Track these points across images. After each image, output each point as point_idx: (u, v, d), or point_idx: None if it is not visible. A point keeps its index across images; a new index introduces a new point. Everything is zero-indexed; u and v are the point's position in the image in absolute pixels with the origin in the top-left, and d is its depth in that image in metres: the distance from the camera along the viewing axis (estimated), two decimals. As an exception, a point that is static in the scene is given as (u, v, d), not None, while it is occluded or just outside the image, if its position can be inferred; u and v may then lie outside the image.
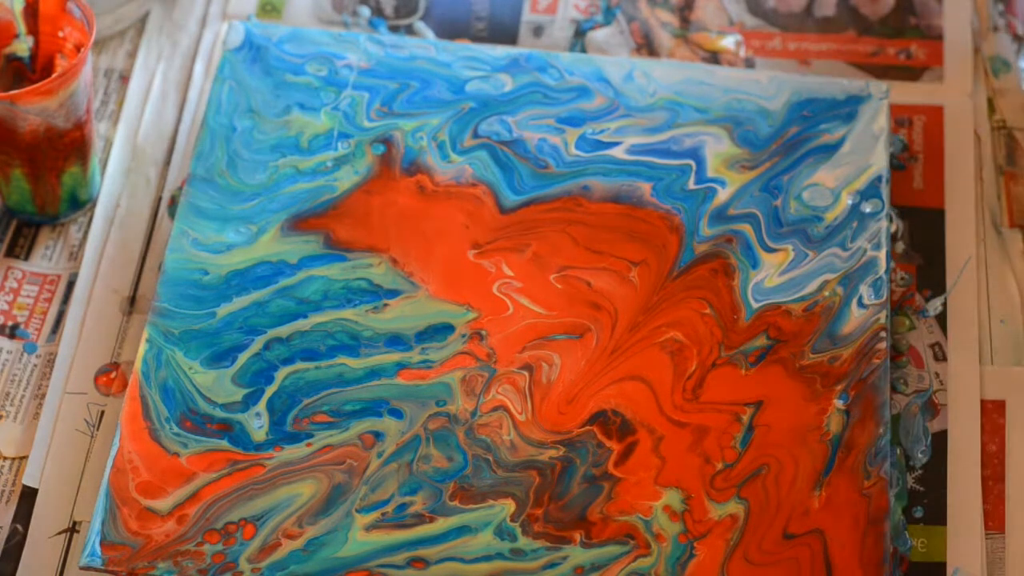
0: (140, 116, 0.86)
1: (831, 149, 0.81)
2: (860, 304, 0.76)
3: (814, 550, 0.70)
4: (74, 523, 0.73)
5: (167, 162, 0.84)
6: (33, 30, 0.79)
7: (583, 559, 0.70)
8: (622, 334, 0.76)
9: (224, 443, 0.73)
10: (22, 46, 0.80)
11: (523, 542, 0.70)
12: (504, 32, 0.89)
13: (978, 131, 0.85)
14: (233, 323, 0.76)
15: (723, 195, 0.80)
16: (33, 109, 0.75)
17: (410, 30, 0.89)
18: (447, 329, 0.76)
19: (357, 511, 0.71)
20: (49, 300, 0.80)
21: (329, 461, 0.72)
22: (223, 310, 0.76)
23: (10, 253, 0.81)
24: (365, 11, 0.89)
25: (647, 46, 0.89)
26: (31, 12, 0.79)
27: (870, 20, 0.89)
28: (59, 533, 0.73)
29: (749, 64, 0.88)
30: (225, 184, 0.80)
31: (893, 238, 0.81)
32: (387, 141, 0.82)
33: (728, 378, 0.74)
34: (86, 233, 0.82)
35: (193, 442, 0.72)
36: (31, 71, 0.80)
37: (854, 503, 0.71)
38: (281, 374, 0.75)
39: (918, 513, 0.73)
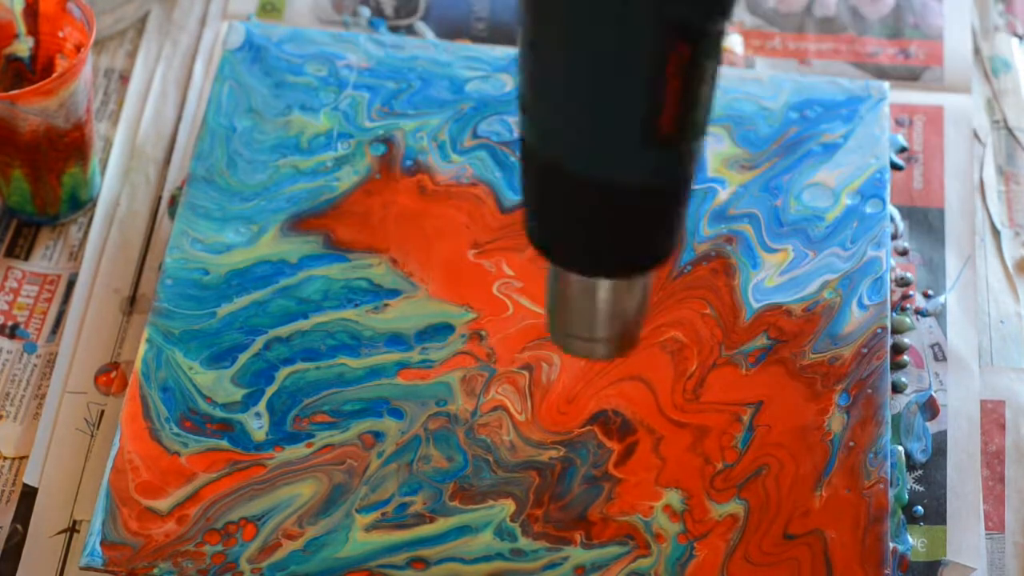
0: (140, 116, 0.86)
1: (831, 149, 0.81)
2: (860, 304, 0.76)
3: (814, 550, 0.70)
4: (74, 523, 0.73)
5: (167, 162, 0.84)
6: (33, 30, 0.79)
7: (583, 559, 0.70)
8: (622, 334, 0.76)
9: (224, 443, 0.73)
10: (22, 46, 0.80)
11: (523, 542, 0.70)
12: (504, 32, 0.89)
13: (978, 131, 0.85)
14: (233, 323, 0.76)
15: (723, 195, 0.80)
16: (33, 109, 0.75)
17: (410, 30, 0.89)
18: (447, 329, 0.76)
19: (357, 511, 0.71)
20: (49, 300, 0.80)
21: (329, 461, 0.72)
22: (223, 310, 0.76)
23: (10, 253, 0.81)
24: (365, 11, 0.89)
25: (647, 46, 0.88)
26: (31, 12, 0.79)
27: (870, 20, 0.90)
28: (59, 533, 0.73)
29: (749, 64, 0.88)
30: (225, 184, 0.80)
31: (893, 238, 0.81)
32: (387, 141, 0.82)
33: (728, 378, 0.74)
34: (86, 233, 0.82)
35: (193, 442, 0.72)
36: (31, 71, 0.80)
37: (854, 503, 0.71)
38: (281, 374, 0.74)
39: (918, 513, 0.73)
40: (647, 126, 0.52)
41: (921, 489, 0.74)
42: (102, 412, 0.76)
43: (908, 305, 0.79)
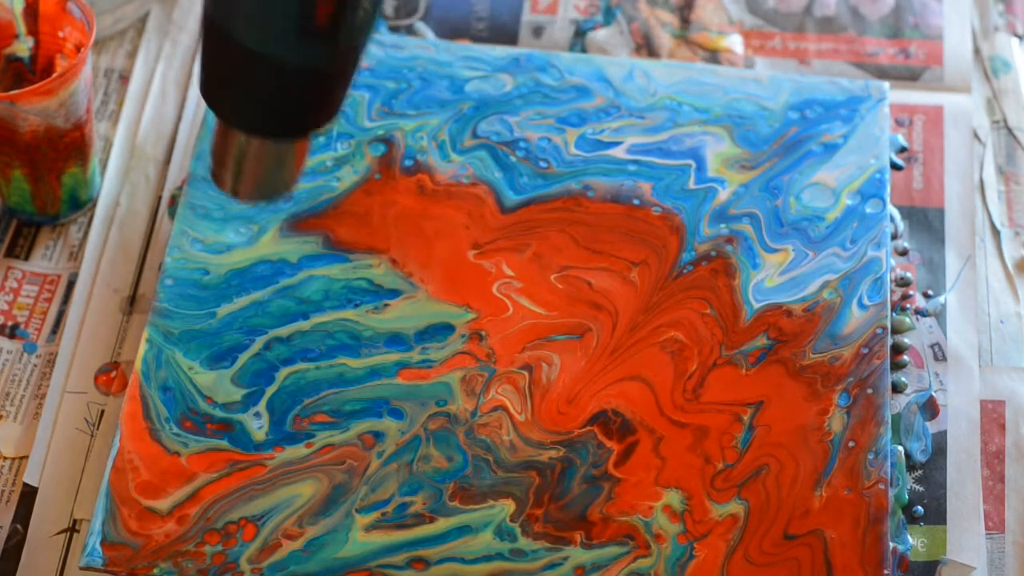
0: (140, 116, 0.86)
1: (831, 149, 0.81)
2: (860, 304, 0.76)
3: (814, 550, 0.70)
4: (74, 523, 0.73)
5: (167, 161, 0.84)
6: (33, 31, 0.79)
7: (583, 559, 0.70)
8: (622, 334, 0.76)
9: (224, 443, 0.73)
10: (22, 47, 0.80)
11: (523, 542, 0.70)
12: (504, 32, 0.89)
13: (978, 131, 0.85)
14: (233, 323, 0.76)
15: (723, 195, 0.80)
16: (33, 109, 0.75)
17: (410, 30, 0.89)
18: (447, 329, 0.76)
19: (357, 511, 0.71)
20: (49, 300, 0.80)
21: (329, 461, 0.72)
22: (223, 310, 0.76)
23: (10, 253, 0.81)
24: (365, 11, 0.89)
25: (647, 46, 0.89)
26: (31, 12, 0.79)
27: (870, 20, 0.90)
28: (59, 533, 0.73)
29: (749, 64, 0.88)
30: (225, 184, 0.80)
31: (893, 238, 0.81)
32: (387, 141, 0.82)
33: (728, 378, 0.74)
34: (86, 233, 0.82)
35: (193, 442, 0.72)
36: (31, 72, 0.80)
37: (854, 503, 0.71)
38: (281, 374, 0.74)
39: (918, 513, 0.73)
40: (303, 18, 0.57)
41: (921, 489, 0.74)
42: (102, 412, 0.76)
43: (908, 305, 0.79)
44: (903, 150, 0.84)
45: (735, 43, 0.89)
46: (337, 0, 0.57)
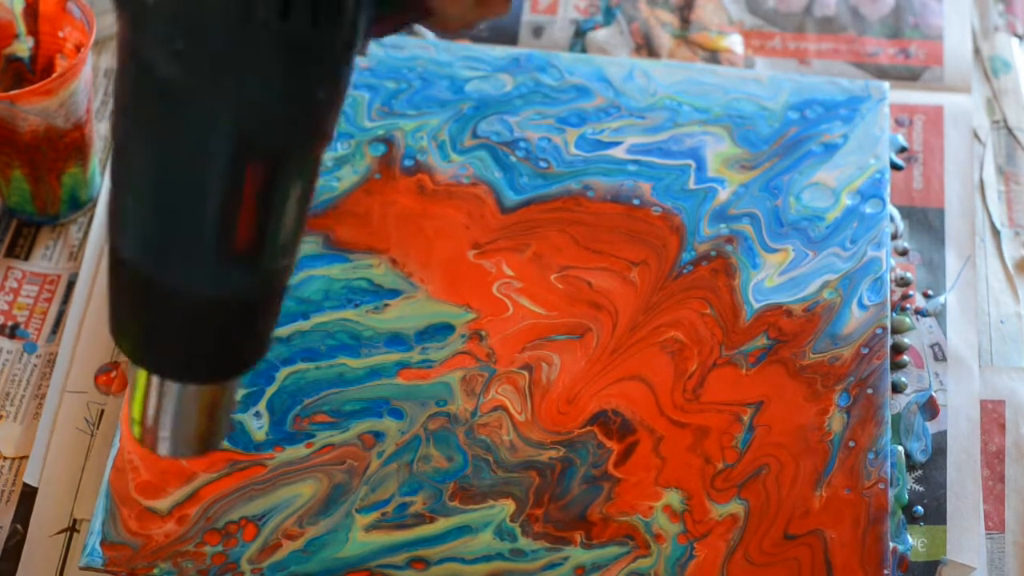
0: (140, 116, 0.86)
1: (831, 149, 0.81)
2: (860, 304, 0.76)
3: (814, 550, 0.70)
4: (74, 522, 0.73)
5: (167, 162, 0.84)
6: (33, 30, 0.79)
7: (583, 559, 0.70)
8: (622, 334, 0.76)
9: (224, 443, 0.72)
10: (22, 47, 0.80)
11: (523, 542, 0.70)
12: (504, 32, 0.89)
13: (978, 131, 0.85)
14: (233, 323, 0.76)
15: (723, 195, 0.80)
16: (33, 109, 0.75)
17: (410, 30, 0.89)
18: (447, 329, 0.76)
19: (357, 511, 0.71)
20: (49, 300, 0.80)
21: (329, 461, 0.72)
22: (223, 310, 0.76)
23: (10, 253, 0.81)
24: (365, 11, 0.89)
25: (647, 46, 0.89)
26: (31, 12, 0.79)
27: (870, 20, 0.90)
28: (59, 532, 0.73)
29: (749, 64, 0.88)
30: (225, 184, 0.80)
31: (893, 238, 0.81)
32: (387, 141, 0.82)
33: (728, 378, 0.74)
34: (86, 233, 0.82)
35: (193, 442, 0.72)
36: (31, 71, 0.80)
37: (854, 503, 0.71)
38: (281, 374, 0.74)
39: (918, 513, 0.73)
40: (220, 243, 0.51)
41: (921, 489, 0.74)
42: (102, 412, 0.76)
43: (908, 305, 0.79)
44: (903, 150, 0.84)
45: (735, 43, 0.89)
46: (258, 221, 0.51)
